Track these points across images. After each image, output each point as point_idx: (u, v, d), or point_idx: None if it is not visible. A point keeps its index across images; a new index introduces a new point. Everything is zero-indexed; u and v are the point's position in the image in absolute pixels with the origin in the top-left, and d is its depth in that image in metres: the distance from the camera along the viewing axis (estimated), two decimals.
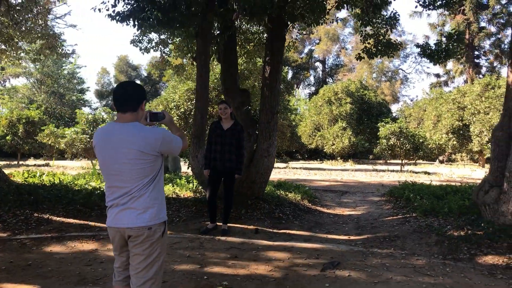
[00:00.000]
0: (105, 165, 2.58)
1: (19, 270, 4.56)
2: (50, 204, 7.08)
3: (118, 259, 2.75)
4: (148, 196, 2.56)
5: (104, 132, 2.60)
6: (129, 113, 2.57)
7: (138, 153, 2.50)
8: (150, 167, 2.57)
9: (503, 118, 6.41)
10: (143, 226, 2.53)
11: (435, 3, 8.85)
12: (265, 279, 4.38)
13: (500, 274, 4.55)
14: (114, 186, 2.57)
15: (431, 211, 7.16)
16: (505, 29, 41.93)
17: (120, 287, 2.76)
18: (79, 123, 20.45)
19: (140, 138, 2.52)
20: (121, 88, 2.61)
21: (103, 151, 2.57)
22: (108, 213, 2.63)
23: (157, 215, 2.59)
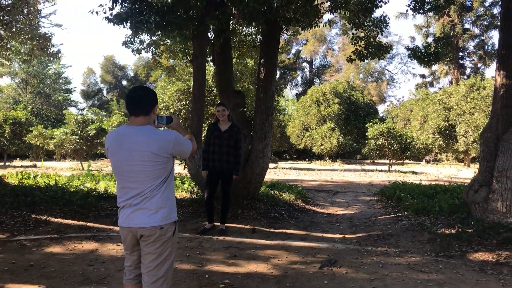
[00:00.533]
0: (118, 167, 2.66)
1: (22, 271, 4.60)
2: (47, 205, 7.11)
3: (129, 258, 2.81)
4: (160, 197, 2.65)
5: (117, 135, 2.68)
6: (142, 117, 2.65)
7: (151, 155, 2.59)
8: (163, 169, 2.66)
9: (491, 120, 6.64)
10: (156, 226, 2.61)
11: (425, 7, 9.07)
12: (266, 277, 4.49)
13: (490, 269, 4.75)
14: (127, 187, 2.65)
15: (422, 210, 7.37)
16: (489, 30, 42.77)
17: (131, 286, 2.83)
18: (67, 123, 20.32)
19: (153, 140, 2.60)
20: (133, 92, 2.70)
21: (116, 154, 2.64)
22: (120, 214, 2.71)
23: (169, 215, 2.68)
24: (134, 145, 2.60)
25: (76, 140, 19.26)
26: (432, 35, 44.25)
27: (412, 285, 4.23)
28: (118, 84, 63.77)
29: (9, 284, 4.21)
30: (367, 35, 9.65)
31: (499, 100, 6.50)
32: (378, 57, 9.84)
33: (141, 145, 2.59)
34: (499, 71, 6.56)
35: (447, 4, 9.07)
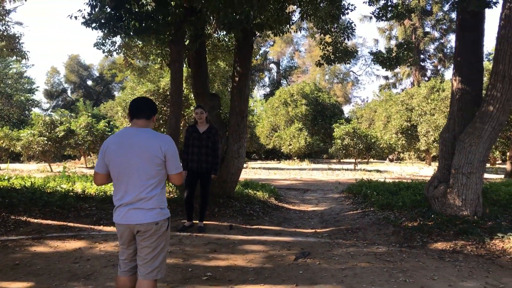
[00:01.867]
0: (118, 166, 2.89)
1: (8, 270, 4.72)
2: (25, 206, 7.17)
3: (125, 252, 3.04)
4: (156, 197, 2.93)
5: (118, 135, 2.96)
6: (143, 120, 2.96)
7: (152, 156, 2.87)
8: (159, 170, 2.94)
9: (449, 121, 7.22)
10: (152, 222, 2.89)
11: (387, 14, 9.64)
12: (245, 269, 4.82)
13: (448, 257, 5.26)
14: (124, 187, 2.90)
15: (387, 205, 7.90)
16: (447, 34, 44.68)
17: (126, 277, 3.06)
18: (34, 125, 19.98)
19: (154, 139, 2.90)
20: (137, 100, 3.04)
21: (117, 152, 2.88)
22: (117, 211, 2.94)
23: (163, 212, 2.97)
24: (135, 144, 2.87)
25: (44, 141, 18.98)
26: (395, 38, 45.79)
27: (379, 273, 4.64)
28: (83, 84, 62.53)
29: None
30: (335, 40, 10.15)
31: (455, 103, 7.08)
32: (345, 62, 10.36)
33: (143, 145, 2.87)
34: (455, 77, 7.14)
35: (407, 13, 9.65)
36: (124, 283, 3.06)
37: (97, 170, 3.02)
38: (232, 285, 4.29)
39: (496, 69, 6.19)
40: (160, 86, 20.50)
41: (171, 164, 2.97)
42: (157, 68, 14.71)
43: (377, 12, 9.69)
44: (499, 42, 6.21)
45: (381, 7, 9.55)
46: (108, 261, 5.03)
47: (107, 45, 11.87)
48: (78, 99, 53.81)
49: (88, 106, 41.51)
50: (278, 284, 4.32)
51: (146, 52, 12.38)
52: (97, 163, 3.03)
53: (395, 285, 4.27)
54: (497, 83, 6.15)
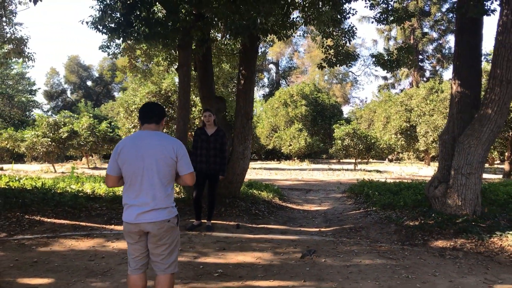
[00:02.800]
0: (132, 167, 3.05)
1: (28, 267, 4.92)
2: (38, 206, 7.38)
3: (136, 250, 3.19)
4: (168, 196, 3.13)
5: (132, 138, 3.14)
6: (154, 124, 3.16)
7: (165, 156, 3.06)
8: (171, 171, 3.13)
9: (448, 123, 7.44)
10: (164, 220, 3.08)
11: (388, 19, 9.86)
12: (254, 266, 5.03)
13: (448, 255, 5.48)
14: (138, 187, 3.06)
15: (388, 205, 8.12)
16: (446, 35, 44.97)
17: (137, 275, 3.22)
18: (38, 126, 20.17)
19: (166, 143, 3.10)
20: (147, 106, 3.24)
21: (132, 154, 3.06)
22: (128, 211, 3.09)
23: (172, 210, 3.17)
24: (148, 146, 3.06)
25: (48, 142, 19.18)
26: (393, 38, 46.11)
27: (383, 270, 4.86)
28: (82, 84, 62.69)
29: (18, 279, 4.54)
30: (336, 43, 10.36)
31: (455, 105, 7.31)
32: (346, 64, 10.58)
33: (155, 145, 3.07)
34: (454, 80, 7.36)
35: (408, 17, 9.88)
36: (135, 282, 3.20)
37: (109, 172, 3.15)
38: (243, 281, 4.49)
39: (494, 73, 6.41)
40: (162, 87, 20.71)
41: (183, 164, 3.13)
42: (160, 70, 14.92)
43: (378, 16, 9.91)
44: (496, 47, 6.44)
45: (382, 11, 9.77)
46: (122, 259, 5.23)
47: (112, 48, 12.09)
48: (78, 100, 53.96)
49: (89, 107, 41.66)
50: (287, 280, 4.52)
51: (149, 55, 12.61)
52: (109, 166, 3.15)
53: (398, 281, 4.48)
54: (495, 87, 6.37)
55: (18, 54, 11.53)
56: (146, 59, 13.33)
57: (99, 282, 4.46)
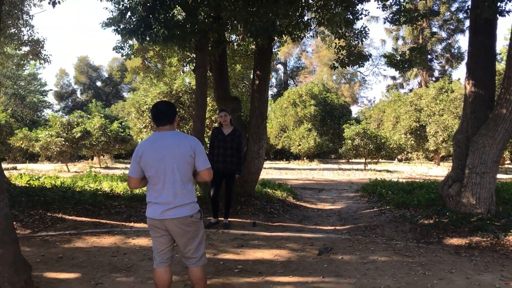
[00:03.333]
0: (155, 167, 3.18)
1: (54, 262, 5.08)
2: (59, 204, 7.57)
3: (161, 243, 3.32)
4: (190, 192, 3.27)
5: (151, 140, 3.27)
6: (168, 125, 3.28)
7: (184, 154, 3.19)
8: (190, 168, 3.26)
9: (462, 123, 7.52)
10: (187, 215, 3.21)
11: (400, 19, 9.93)
12: (273, 262, 5.15)
13: (463, 252, 5.57)
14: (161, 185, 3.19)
15: (402, 204, 8.21)
16: (455, 34, 44.74)
17: (162, 269, 3.36)
18: (52, 126, 20.45)
19: (184, 141, 3.23)
20: (158, 107, 3.31)
21: (153, 155, 3.18)
22: (152, 207, 3.24)
23: (194, 206, 3.30)
24: (168, 146, 3.19)
25: (62, 142, 19.46)
26: (402, 38, 45.97)
27: (399, 266, 4.96)
28: (92, 85, 63.16)
29: (46, 273, 4.70)
30: (349, 44, 10.46)
31: (468, 106, 7.38)
32: (359, 65, 10.67)
33: (174, 146, 3.19)
34: (468, 81, 7.43)
35: (420, 17, 9.95)
36: (161, 275, 3.34)
37: (131, 174, 3.29)
38: (263, 277, 4.61)
39: (508, 73, 6.48)
40: (173, 88, 20.88)
41: (200, 160, 3.25)
42: (173, 71, 15.09)
43: (390, 17, 9.99)
44: (511, 48, 6.51)
45: (395, 12, 9.84)
46: (144, 255, 5.37)
47: (125, 49, 12.28)
48: (87, 100, 54.41)
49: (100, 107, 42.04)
50: (306, 276, 4.63)
51: (162, 56, 12.78)
52: (131, 168, 3.29)
53: (415, 277, 4.58)
54: (510, 87, 6.44)
55: (35, 56, 11.74)
56: (159, 60, 13.53)
57: (124, 277, 4.60)
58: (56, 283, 4.35)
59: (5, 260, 3.43)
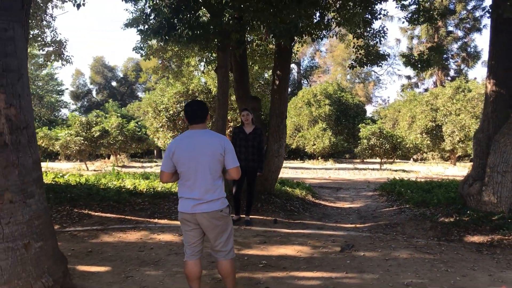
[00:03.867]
0: (187, 164, 3.33)
1: (84, 256, 5.26)
2: (85, 201, 7.78)
3: (192, 237, 3.47)
4: (219, 188, 3.41)
5: (183, 137, 3.42)
6: (201, 124, 3.43)
7: (214, 152, 3.33)
8: (220, 165, 3.40)
9: (483, 122, 7.53)
10: (217, 210, 3.35)
11: (419, 19, 9.95)
12: (296, 258, 5.26)
13: (485, 250, 5.61)
14: (193, 181, 3.33)
15: (422, 202, 8.25)
16: (471, 33, 44.22)
17: (193, 261, 3.50)
18: (71, 125, 20.86)
19: (215, 138, 3.38)
20: (191, 107, 3.47)
21: (185, 152, 3.33)
22: (183, 202, 3.39)
23: (224, 201, 3.44)
24: (200, 143, 3.33)
25: (81, 141, 19.84)
26: (417, 37, 45.63)
27: (421, 263, 5.03)
28: (107, 85, 63.94)
29: (78, 266, 4.87)
30: (367, 44, 10.50)
31: (489, 105, 7.40)
32: (377, 64, 10.71)
33: (206, 142, 3.34)
34: (489, 80, 7.45)
35: (439, 16, 9.95)
36: (191, 267, 3.48)
37: (163, 169, 3.45)
38: (287, 272, 4.72)
39: None
40: (189, 88, 21.11)
41: (230, 158, 3.39)
42: (190, 71, 15.29)
43: (409, 17, 10.01)
44: None
45: (413, 11, 9.86)
46: (170, 250, 5.53)
47: (145, 49, 12.51)
48: (103, 100, 55.07)
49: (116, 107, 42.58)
50: (329, 272, 4.73)
51: (180, 56, 12.99)
52: (164, 163, 3.45)
53: (438, 274, 4.65)
54: None
55: (58, 56, 12.03)
56: (177, 60, 13.74)
57: (153, 270, 4.75)
58: (88, 276, 4.52)
59: (45, 252, 3.58)
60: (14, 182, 3.26)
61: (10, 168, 3.23)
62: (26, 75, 3.47)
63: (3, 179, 3.19)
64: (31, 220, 3.40)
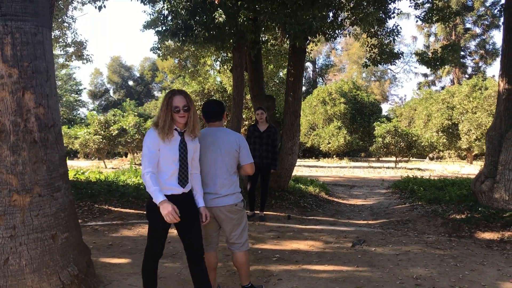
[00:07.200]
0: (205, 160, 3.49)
1: (105, 249, 5.50)
2: (105, 197, 8.07)
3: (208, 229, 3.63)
4: (235, 183, 3.59)
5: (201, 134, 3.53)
6: (218, 122, 3.61)
7: (230, 148, 3.51)
8: (236, 161, 3.58)
9: (495, 120, 7.58)
10: (232, 204, 3.53)
11: (433, 18, 9.98)
12: (308, 253, 5.42)
13: (495, 246, 5.69)
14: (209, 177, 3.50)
15: (434, 199, 8.33)
16: (489, 30, 43.60)
17: (208, 252, 3.67)
18: (90, 124, 21.34)
19: (231, 137, 3.55)
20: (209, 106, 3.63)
21: (204, 149, 3.49)
22: None
23: (239, 196, 3.61)
24: (217, 140, 3.51)
25: (100, 139, 20.28)
26: (433, 35, 45.20)
27: (431, 258, 5.14)
28: (124, 84, 64.75)
29: (100, 258, 5.10)
30: (381, 42, 10.57)
31: (502, 102, 7.44)
32: (390, 63, 10.76)
33: (223, 140, 3.51)
34: (502, 78, 7.49)
35: (454, 15, 9.96)
36: (208, 258, 3.62)
37: None
38: (300, 265, 4.89)
39: None
40: (205, 87, 21.37)
41: (245, 155, 3.57)
42: (206, 70, 15.53)
43: (422, 16, 10.06)
44: None
45: (427, 10, 9.90)
46: None
47: (162, 50, 12.77)
48: (120, 99, 55.82)
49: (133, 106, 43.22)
50: (341, 265, 4.88)
51: (197, 56, 13.22)
52: None
53: (447, 268, 4.76)
54: None
55: (79, 56, 12.38)
56: (193, 60, 13.98)
57: (170, 263, 4.96)
58: (109, 267, 4.74)
59: (71, 243, 3.79)
60: (43, 177, 3.46)
61: (39, 164, 3.44)
62: (53, 76, 3.69)
63: (33, 174, 3.40)
64: (57, 213, 3.60)
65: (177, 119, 3.12)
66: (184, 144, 3.21)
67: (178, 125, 3.17)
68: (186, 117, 3.14)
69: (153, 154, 3.09)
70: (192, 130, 3.21)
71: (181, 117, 3.11)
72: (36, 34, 3.45)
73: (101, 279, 4.29)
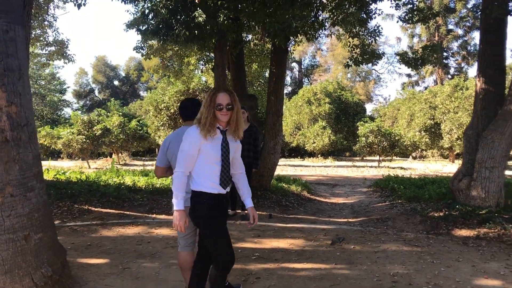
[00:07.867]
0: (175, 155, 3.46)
1: (83, 249, 5.45)
2: (86, 197, 8.00)
3: None
4: None
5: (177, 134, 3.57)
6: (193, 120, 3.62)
7: None
8: None
9: (472, 119, 7.72)
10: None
11: (413, 18, 10.12)
12: (288, 251, 5.45)
13: (471, 243, 5.79)
14: None
15: (414, 197, 8.45)
16: (471, 31, 44.31)
17: (186, 252, 3.65)
18: (74, 124, 21.10)
19: None
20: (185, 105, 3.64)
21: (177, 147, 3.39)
22: None
23: None
24: None
25: (83, 139, 20.07)
26: (417, 36, 45.75)
27: (409, 255, 5.21)
28: (109, 84, 64.13)
29: (78, 259, 5.06)
30: (362, 42, 10.67)
31: (479, 102, 7.58)
32: (372, 63, 10.87)
33: None
34: (479, 78, 7.63)
35: (433, 16, 10.11)
36: (185, 258, 3.64)
37: (158, 164, 3.61)
38: (279, 263, 4.91)
39: None
40: (190, 86, 21.30)
41: None
42: (190, 70, 15.48)
43: (403, 16, 10.18)
44: None
45: (408, 11, 10.03)
46: (167, 243, 5.71)
47: (145, 49, 12.68)
48: (105, 99, 55.30)
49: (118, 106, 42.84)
50: (319, 263, 4.91)
51: (180, 55, 13.17)
52: (159, 158, 3.61)
53: (423, 265, 4.83)
54: None
55: (61, 55, 12.23)
56: (177, 60, 13.92)
57: (149, 262, 4.94)
58: (87, 267, 4.70)
59: (45, 243, 3.75)
60: (15, 176, 3.42)
61: (11, 163, 3.39)
62: (27, 75, 3.64)
63: (5, 173, 3.35)
64: (31, 213, 3.55)
65: (219, 117, 3.01)
66: (227, 143, 3.09)
67: (220, 123, 3.06)
68: (229, 116, 3.03)
69: (190, 154, 3.05)
70: (235, 130, 3.10)
71: (223, 115, 3.00)
72: (8, 31, 3.41)
73: (77, 279, 4.24)
